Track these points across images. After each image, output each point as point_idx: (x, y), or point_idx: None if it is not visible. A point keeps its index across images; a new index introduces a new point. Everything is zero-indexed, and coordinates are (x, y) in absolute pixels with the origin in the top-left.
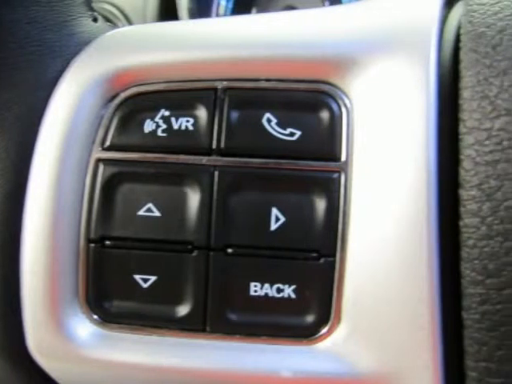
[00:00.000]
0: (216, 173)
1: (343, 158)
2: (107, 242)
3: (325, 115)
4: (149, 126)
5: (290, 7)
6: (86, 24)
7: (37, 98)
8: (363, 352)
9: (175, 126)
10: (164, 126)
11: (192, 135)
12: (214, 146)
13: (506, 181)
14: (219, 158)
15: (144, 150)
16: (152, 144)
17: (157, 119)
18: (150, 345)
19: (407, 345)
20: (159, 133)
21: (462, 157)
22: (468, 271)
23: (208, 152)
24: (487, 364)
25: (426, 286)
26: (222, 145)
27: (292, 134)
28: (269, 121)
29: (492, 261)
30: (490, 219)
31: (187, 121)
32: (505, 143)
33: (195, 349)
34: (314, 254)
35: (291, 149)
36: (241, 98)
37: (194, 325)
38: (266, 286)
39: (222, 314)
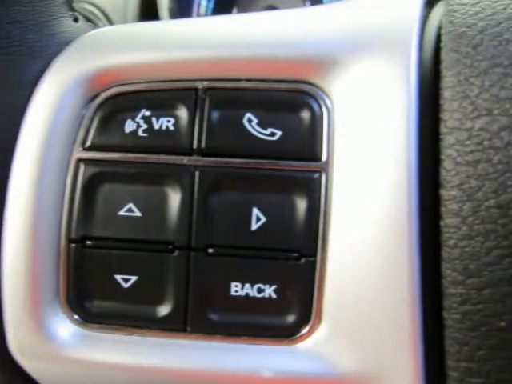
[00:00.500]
0: (197, 173)
1: (324, 158)
2: (88, 242)
3: (306, 115)
4: (130, 126)
5: (271, 7)
6: (66, 24)
7: (18, 97)
8: (344, 352)
9: (156, 126)
10: (145, 126)
11: (173, 135)
12: (195, 145)
13: (486, 181)
14: (200, 158)
15: (125, 150)
16: (133, 144)
17: (138, 119)
18: (130, 345)
19: (388, 345)
20: (140, 133)
21: (442, 157)
22: (449, 271)
23: (189, 152)
24: (468, 364)
25: (406, 286)
26: (203, 145)
27: (273, 134)
28: (250, 121)
29: (473, 261)
30: (470, 219)
31: (168, 121)
32: (485, 143)
33: (176, 349)
34: (295, 254)
35: (272, 149)
36: (222, 98)
37: (174, 325)
38: (247, 286)
39: (203, 314)
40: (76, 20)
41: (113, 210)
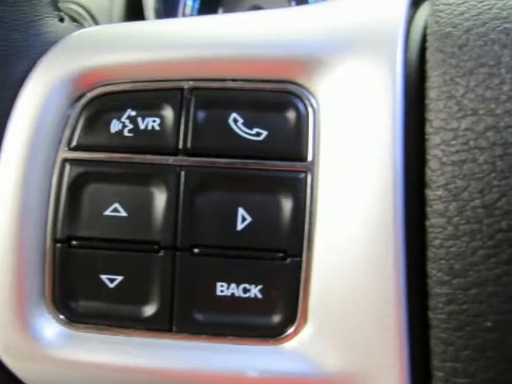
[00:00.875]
0: (182, 173)
1: (309, 158)
2: (74, 242)
3: (291, 115)
4: (115, 126)
5: (257, 7)
6: (52, 24)
7: (3, 98)
8: (330, 352)
9: (141, 126)
10: (130, 126)
11: (158, 135)
12: (181, 145)
13: (472, 181)
14: (186, 158)
15: (110, 150)
16: (118, 144)
17: (123, 119)
18: (116, 345)
19: (373, 345)
20: (125, 133)
21: (428, 157)
22: (434, 271)
23: (174, 152)
24: (453, 364)
25: (392, 286)
26: (189, 145)
27: (258, 134)
28: (235, 121)
29: (458, 261)
30: (456, 219)
31: (153, 121)
32: (471, 143)
33: (162, 349)
34: (281, 254)
35: (257, 149)
36: (207, 98)
37: (160, 325)
38: (233, 285)
39: (189, 314)
40: (62, 20)
41: (98, 210)
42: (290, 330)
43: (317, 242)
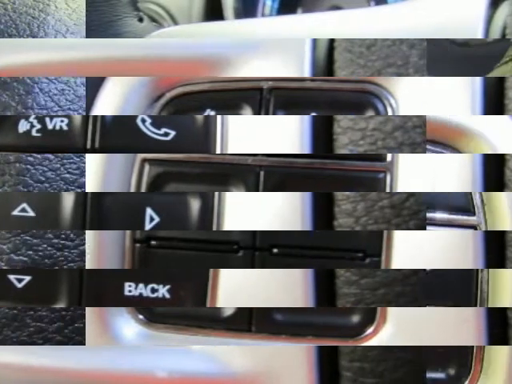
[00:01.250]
0: (261, 173)
1: (388, 158)
2: (153, 242)
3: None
4: None
5: (336, 7)
6: (131, 24)
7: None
8: (236, 352)
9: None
10: None
11: None
12: None
13: None
14: (264, 158)
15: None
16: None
17: None
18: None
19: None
20: None
21: None
22: (342, 271)
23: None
24: (361, 364)
25: (299, 285)
26: None
27: None
28: None
29: None
30: (364, 219)
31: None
32: (379, 143)
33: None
34: (360, 254)
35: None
36: (286, 98)
37: (239, 325)
38: None
39: (268, 314)
40: (141, 20)
41: None
42: (369, 330)
43: (395, 242)
